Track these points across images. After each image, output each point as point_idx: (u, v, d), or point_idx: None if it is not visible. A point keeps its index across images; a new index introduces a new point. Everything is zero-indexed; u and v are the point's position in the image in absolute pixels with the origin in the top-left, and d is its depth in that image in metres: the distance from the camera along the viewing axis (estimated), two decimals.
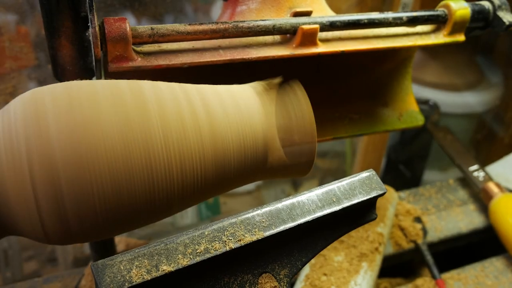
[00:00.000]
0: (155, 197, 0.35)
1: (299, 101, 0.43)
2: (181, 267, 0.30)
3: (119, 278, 0.28)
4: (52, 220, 0.33)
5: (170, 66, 0.42)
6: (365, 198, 0.38)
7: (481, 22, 0.54)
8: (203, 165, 0.37)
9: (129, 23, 0.40)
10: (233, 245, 0.32)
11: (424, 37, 0.53)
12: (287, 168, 0.43)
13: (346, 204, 0.37)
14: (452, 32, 0.53)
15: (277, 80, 0.45)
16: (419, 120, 0.61)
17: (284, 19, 0.46)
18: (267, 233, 0.34)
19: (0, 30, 0.72)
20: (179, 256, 0.30)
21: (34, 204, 0.32)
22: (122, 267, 0.29)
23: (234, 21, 0.44)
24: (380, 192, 0.39)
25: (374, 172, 0.39)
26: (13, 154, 0.32)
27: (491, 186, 0.78)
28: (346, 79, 0.61)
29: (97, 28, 0.38)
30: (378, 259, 0.64)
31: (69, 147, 0.32)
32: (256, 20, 0.45)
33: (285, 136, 0.41)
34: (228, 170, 0.39)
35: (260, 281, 0.35)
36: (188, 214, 1.18)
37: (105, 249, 0.59)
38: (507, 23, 0.53)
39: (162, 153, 0.35)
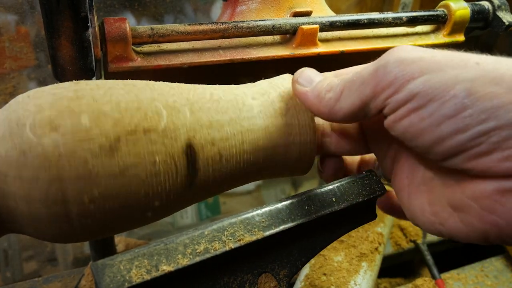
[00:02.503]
0: (156, 197, 0.35)
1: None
2: (180, 267, 0.30)
3: (119, 278, 0.28)
4: (55, 218, 0.33)
5: (170, 66, 0.42)
6: (365, 198, 0.38)
7: (481, 22, 0.54)
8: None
9: (129, 23, 0.40)
10: (232, 245, 0.32)
11: (424, 37, 0.53)
12: (287, 167, 0.43)
13: (346, 204, 0.37)
14: (451, 32, 0.53)
15: (276, 79, 0.45)
16: None
17: (284, 19, 0.46)
18: (267, 233, 0.34)
19: (0, 30, 0.72)
20: (179, 256, 0.30)
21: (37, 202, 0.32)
22: (122, 267, 0.29)
23: (234, 21, 0.44)
24: (380, 192, 0.38)
25: (374, 172, 0.39)
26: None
27: None
28: None
29: (97, 28, 0.38)
30: (378, 259, 0.64)
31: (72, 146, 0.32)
32: (256, 20, 0.45)
33: (285, 136, 0.41)
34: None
35: (259, 281, 0.35)
36: (188, 214, 1.18)
37: (105, 249, 0.59)
38: (506, 23, 0.53)
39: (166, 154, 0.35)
